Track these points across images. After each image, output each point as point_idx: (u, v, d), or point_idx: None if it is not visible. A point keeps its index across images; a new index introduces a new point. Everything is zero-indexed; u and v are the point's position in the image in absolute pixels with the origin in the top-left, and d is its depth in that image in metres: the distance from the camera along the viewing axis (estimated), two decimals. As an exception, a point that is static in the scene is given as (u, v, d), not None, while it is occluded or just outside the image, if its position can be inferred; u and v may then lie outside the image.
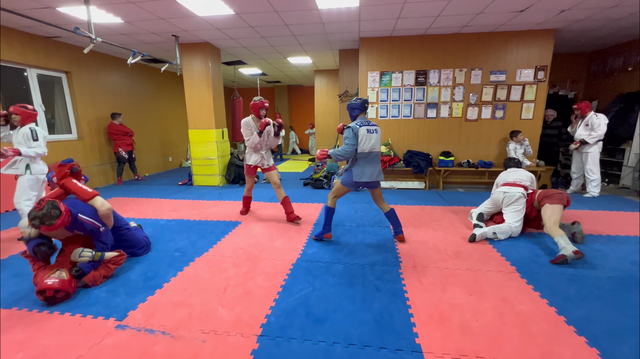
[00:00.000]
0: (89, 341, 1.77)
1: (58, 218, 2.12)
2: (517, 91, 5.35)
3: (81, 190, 2.55)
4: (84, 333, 1.84)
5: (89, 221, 2.37)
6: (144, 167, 7.37)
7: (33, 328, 1.89)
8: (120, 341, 1.77)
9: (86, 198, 2.52)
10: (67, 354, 1.67)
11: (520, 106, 5.41)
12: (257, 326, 1.89)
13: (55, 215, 2.12)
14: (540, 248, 2.96)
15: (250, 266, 2.67)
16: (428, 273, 2.51)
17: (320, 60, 7.43)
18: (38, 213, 2.09)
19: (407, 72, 5.54)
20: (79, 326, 1.90)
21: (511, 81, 5.34)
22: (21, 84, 5.03)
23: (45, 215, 2.09)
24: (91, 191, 2.57)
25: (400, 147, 5.83)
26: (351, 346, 1.72)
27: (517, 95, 5.37)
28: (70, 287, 2.16)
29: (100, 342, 1.76)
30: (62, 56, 5.43)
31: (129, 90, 7.01)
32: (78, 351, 1.69)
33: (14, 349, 1.71)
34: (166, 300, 2.17)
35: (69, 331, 1.86)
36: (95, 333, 1.84)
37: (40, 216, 2.08)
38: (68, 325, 1.91)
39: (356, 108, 2.99)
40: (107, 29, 4.76)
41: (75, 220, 2.28)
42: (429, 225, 3.65)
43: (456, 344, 1.71)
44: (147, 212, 4.31)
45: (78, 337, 1.81)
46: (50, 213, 2.10)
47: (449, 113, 5.59)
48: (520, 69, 5.27)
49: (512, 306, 2.06)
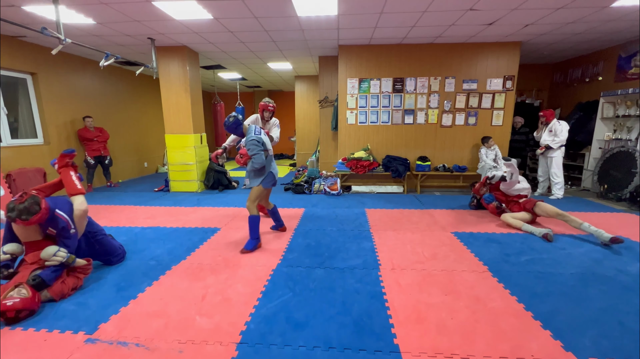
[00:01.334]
0: (56, 357, 1.68)
1: (35, 214, 2.08)
2: (488, 99, 5.64)
3: (72, 183, 2.59)
4: (49, 349, 1.74)
5: (64, 217, 2.29)
6: (118, 173, 7.07)
7: (-8, 346, 1.76)
8: (90, 355, 1.69)
9: (71, 192, 2.55)
10: (30, 372, 1.57)
11: (491, 113, 5.70)
12: (236, 333, 1.86)
13: (33, 211, 2.08)
14: (510, 249, 3.11)
15: (230, 273, 2.63)
16: (406, 275, 2.57)
17: (300, 66, 7.49)
18: (18, 206, 2.04)
19: (385, 79, 5.71)
20: (44, 342, 1.79)
21: (482, 89, 5.62)
22: (-19, 85, 4.72)
23: (25, 209, 2.04)
24: (79, 188, 2.60)
25: (379, 152, 5.96)
26: (331, 349, 1.73)
27: (487, 103, 5.66)
28: (33, 304, 2.01)
29: (68, 358, 1.67)
30: (27, 57, 5.15)
31: (101, 93, 6.74)
32: (43, 368, 1.60)
33: (-31, 370, 1.59)
34: (141, 311, 2.09)
35: (33, 348, 1.75)
36: (62, 349, 1.74)
37: (20, 209, 2.03)
38: (32, 341, 1.80)
39: (238, 125, 3.00)
40: (78, 30, 4.58)
41: (52, 216, 2.22)
42: (407, 228, 3.75)
43: (432, 343, 1.77)
44: (120, 220, 4.14)
45: (43, 354, 1.70)
46: (29, 208, 2.06)
47: (425, 120, 5.80)
48: (490, 78, 5.57)
49: (485, 303, 2.15)
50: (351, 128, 5.94)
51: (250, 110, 12.22)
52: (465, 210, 4.52)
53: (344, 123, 5.93)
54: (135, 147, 7.84)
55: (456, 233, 3.55)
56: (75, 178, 2.66)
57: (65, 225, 2.29)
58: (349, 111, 5.87)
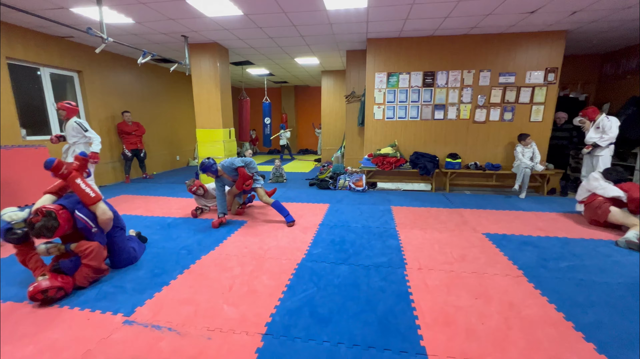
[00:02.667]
0: (98, 335, 1.81)
1: (56, 230, 2.10)
2: (527, 93, 5.29)
3: (83, 193, 2.35)
4: (92, 327, 1.88)
5: (83, 219, 2.28)
6: (152, 166, 7.47)
7: (43, 322, 1.93)
8: (128, 336, 1.80)
9: (88, 203, 2.36)
10: (76, 348, 1.71)
11: (529, 108, 5.34)
12: (262, 324, 1.90)
13: (53, 228, 2.08)
14: (549, 253, 2.91)
15: (256, 265, 2.69)
16: (433, 275, 2.49)
17: (327, 61, 7.44)
18: (36, 225, 2.04)
19: (414, 73, 5.52)
20: (87, 321, 1.94)
21: (520, 83, 5.27)
22: (34, 83, 5.14)
23: (44, 227, 2.06)
24: (94, 195, 2.38)
25: (406, 149, 5.80)
26: (355, 346, 1.72)
27: (526, 97, 5.31)
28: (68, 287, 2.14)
29: (109, 337, 1.79)
30: (74, 56, 5.54)
31: (138, 89, 7.12)
32: (87, 345, 1.73)
33: (24, 343, 1.75)
34: (173, 297, 2.20)
35: (77, 326, 1.89)
36: (104, 328, 1.87)
37: (39, 228, 2.04)
38: (77, 320, 1.95)
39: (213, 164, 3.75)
40: (118, 29, 4.84)
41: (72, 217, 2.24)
42: (435, 227, 3.63)
43: (461, 348, 1.70)
44: (155, 210, 4.37)
45: (86, 331, 1.84)
46: (47, 226, 2.07)
47: (457, 115, 5.55)
48: (530, 71, 5.21)
49: (519, 310, 2.03)
50: (378, 123, 5.82)
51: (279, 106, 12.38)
52: (498, 211, 4.30)
53: (370, 118, 5.83)
54: (167, 140, 8.22)
55: (488, 235, 3.38)
56: (85, 185, 2.39)
57: (84, 225, 2.27)
58: (376, 106, 5.75)
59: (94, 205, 2.38)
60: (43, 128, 5.29)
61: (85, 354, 1.66)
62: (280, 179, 6.48)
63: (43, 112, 5.27)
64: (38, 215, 2.08)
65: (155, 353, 1.67)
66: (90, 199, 2.36)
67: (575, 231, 3.47)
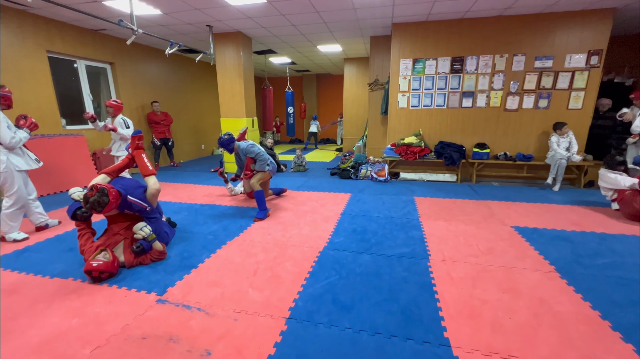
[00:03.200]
0: (134, 311, 1.94)
1: (106, 205, 2.31)
2: (566, 78, 4.92)
3: (144, 164, 2.85)
4: (129, 304, 2.01)
5: (138, 202, 2.55)
6: (179, 154, 7.75)
7: (86, 297, 2.09)
8: (161, 314, 1.92)
9: (145, 174, 2.82)
10: (115, 322, 1.84)
11: (567, 95, 4.98)
12: (285, 309, 1.95)
13: (104, 203, 2.30)
14: (584, 249, 2.76)
15: (279, 251, 2.75)
16: (458, 268, 2.44)
17: (350, 47, 7.28)
18: (90, 199, 2.28)
19: (442, 59, 5.29)
20: (124, 298, 2.08)
21: (559, 67, 4.91)
22: (71, 75, 5.43)
23: (96, 202, 2.28)
24: (151, 169, 2.85)
25: (431, 138, 5.63)
26: (377, 334, 1.73)
27: (564, 83, 4.95)
28: (113, 268, 2.31)
29: (144, 313, 1.92)
30: (107, 48, 5.78)
31: (165, 80, 7.34)
32: (125, 320, 1.86)
33: (70, 315, 1.91)
34: (201, 279, 2.31)
35: (116, 302, 2.04)
36: (139, 305, 2.00)
37: (92, 202, 2.27)
38: (116, 296, 2.10)
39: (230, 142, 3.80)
40: (147, 21, 4.98)
41: (124, 201, 2.47)
42: (460, 219, 3.53)
43: (487, 341, 1.67)
44: (182, 197, 4.56)
45: (124, 308, 1.98)
46: (99, 201, 2.28)
47: (486, 103, 5.29)
48: (570, 54, 4.83)
49: (550, 306, 1.95)
50: (402, 112, 5.67)
51: (300, 95, 12.35)
52: (529, 203, 4.10)
53: (394, 107, 5.68)
54: (193, 130, 8.46)
55: (517, 228, 3.25)
56: (147, 160, 2.89)
57: (141, 208, 2.57)
58: (400, 94, 5.59)
59: (149, 176, 2.80)
60: (81, 118, 5.60)
61: (124, 328, 1.78)
62: (301, 168, 6.52)
63: (80, 102, 5.58)
64: (92, 190, 2.31)
65: (186, 331, 1.76)
66: (148, 170, 2.83)
67: (614, 227, 3.26)
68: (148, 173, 2.83)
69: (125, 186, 2.59)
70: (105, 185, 2.38)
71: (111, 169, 2.76)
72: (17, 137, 2.93)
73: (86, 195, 2.30)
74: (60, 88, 5.20)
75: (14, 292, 2.16)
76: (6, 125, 2.86)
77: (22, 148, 3.07)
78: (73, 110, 5.48)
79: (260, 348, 1.63)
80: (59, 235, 3.15)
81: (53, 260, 2.63)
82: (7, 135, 2.84)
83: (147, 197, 2.69)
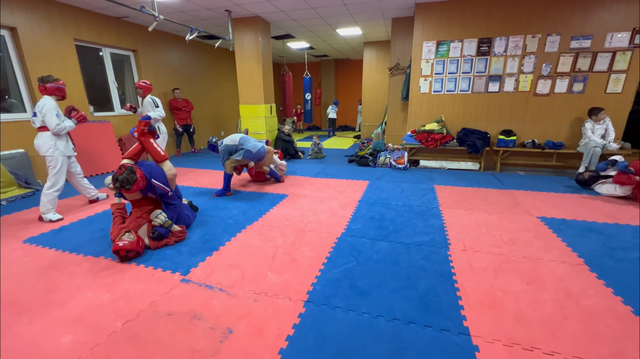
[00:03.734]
0: (160, 289, 2.03)
1: (135, 183, 2.42)
2: (605, 59, 4.56)
3: (155, 150, 2.87)
4: (155, 282, 2.12)
5: (160, 186, 2.65)
6: (199, 140, 7.91)
7: (116, 275, 2.21)
8: (185, 292, 2.00)
9: (158, 160, 2.86)
10: (143, 298, 1.94)
11: (606, 77, 4.63)
12: (303, 292, 1.99)
13: (132, 180, 2.42)
14: (617, 242, 2.61)
15: (297, 237, 2.79)
16: (479, 258, 2.38)
17: (370, 31, 7.05)
18: (119, 177, 2.39)
19: (468, 40, 5.02)
20: (151, 277, 2.19)
21: (598, 48, 4.55)
22: (97, 63, 5.60)
23: (125, 179, 2.40)
24: (163, 154, 2.89)
25: (454, 125, 5.43)
26: (395, 320, 1.73)
27: (603, 65, 4.59)
28: (138, 247, 2.42)
29: (169, 291, 2.01)
30: (130, 35, 5.89)
31: (185, 67, 7.43)
32: (152, 296, 1.96)
33: (103, 291, 2.03)
34: (222, 261, 2.38)
35: (144, 280, 2.15)
36: (165, 284, 2.10)
37: (121, 180, 2.40)
38: (143, 275, 2.21)
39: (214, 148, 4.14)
40: (168, 7, 5.01)
41: (149, 184, 2.57)
42: (482, 208, 3.42)
43: (508, 332, 1.63)
44: (203, 182, 4.68)
45: (151, 285, 2.08)
46: (128, 179, 2.41)
47: (515, 87, 5.01)
48: (611, 33, 4.45)
49: (577, 300, 1.88)
50: (424, 97, 5.48)
51: (318, 81, 12.19)
52: (557, 194, 3.91)
53: (415, 92, 5.50)
54: (213, 116, 8.58)
55: (544, 219, 3.11)
56: (157, 145, 2.89)
57: (162, 191, 2.66)
58: (422, 78, 5.39)
59: (162, 162, 2.83)
60: (107, 105, 5.81)
61: (151, 304, 1.88)
62: (319, 155, 6.51)
63: (106, 89, 5.77)
64: (121, 169, 2.44)
65: (209, 309, 1.84)
66: (160, 156, 2.86)
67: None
68: (161, 159, 2.87)
69: (149, 170, 2.68)
70: (132, 164, 2.50)
71: (130, 153, 2.83)
72: (62, 125, 3.17)
73: (115, 174, 2.41)
74: (87, 76, 5.38)
75: (53, 268, 2.32)
76: (55, 113, 3.12)
77: (66, 136, 3.33)
78: (100, 97, 5.68)
79: (279, 329, 1.67)
80: (90, 216, 3.34)
81: (86, 239, 2.79)
82: (53, 122, 3.11)
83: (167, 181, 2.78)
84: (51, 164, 3.18)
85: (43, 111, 3.08)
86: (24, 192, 4.04)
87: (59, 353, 1.53)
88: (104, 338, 1.62)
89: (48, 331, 1.68)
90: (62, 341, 1.61)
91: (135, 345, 1.57)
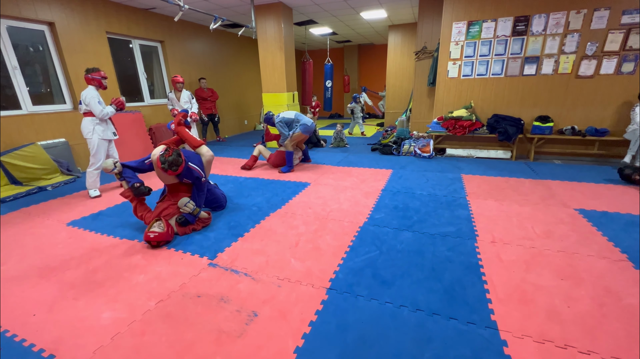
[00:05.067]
0: (189, 272, 2.13)
1: (180, 165, 2.56)
2: (662, 36, 4.09)
3: (192, 138, 3.01)
4: (185, 266, 2.22)
5: (196, 169, 2.74)
6: (224, 129, 8.09)
7: (149, 258, 2.34)
8: (213, 276, 2.09)
9: (195, 145, 2.99)
10: (174, 280, 2.05)
11: (662, 56, 4.16)
12: (326, 279, 2.01)
13: (179, 163, 2.55)
14: (667, 237, 2.40)
15: (319, 225, 2.80)
16: (509, 251, 2.28)
17: (396, 13, 6.76)
18: (168, 158, 2.51)
19: (502, 19, 4.68)
20: (181, 260, 2.29)
21: (654, 22, 4.08)
22: (127, 55, 5.80)
23: (174, 161, 2.52)
24: (200, 140, 3.03)
25: (484, 111, 5.15)
26: (418, 311, 1.71)
27: (660, 42, 4.12)
28: (168, 236, 2.51)
29: (198, 274, 2.11)
30: (157, 26, 6.03)
31: (210, 56, 7.54)
32: (182, 279, 2.06)
33: (137, 272, 2.16)
34: (247, 247, 2.45)
35: (175, 263, 2.26)
36: (194, 267, 2.20)
37: (170, 161, 2.51)
38: (173, 258, 2.32)
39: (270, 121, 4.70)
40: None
41: (187, 168, 2.67)
42: (514, 199, 3.26)
43: (540, 328, 1.56)
44: (228, 170, 4.80)
45: (181, 268, 2.19)
46: (176, 160, 2.53)
47: (554, 69, 4.64)
48: (671, 5, 3.97)
49: (619, 298, 1.76)
50: (452, 82, 5.22)
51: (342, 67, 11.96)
52: (598, 184, 3.64)
53: (443, 76, 5.25)
54: (236, 105, 8.71)
55: (582, 211, 2.92)
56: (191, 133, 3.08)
57: (198, 175, 2.74)
58: (451, 62, 5.13)
59: (199, 147, 2.97)
60: (137, 96, 6.04)
61: (182, 286, 1.98)
62: (341, 144, 6.44)
63: (136, 80, 5.99)
64: (169, 150, 2.56)
65: (235, 292, 1.91)
66: (196, 142, 3.00)
67: None
68: (198, 144, 3.00)
69: (186, 154, 2.79)
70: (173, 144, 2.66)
71: (170, 141, 2.97)
72: (105, 110, 3.60)
73: (163, 155, 2.51)
74: (119, 67, 5.61)
75: (94, 249, 2.50)
76: (97, 101, 3.54)
77: (107, 121, 3.74)
78: (131, 88, 5.92)
79: (302, 314, 1.71)
80: (125, 202, 3.53)
81: (121, 223, 2.97)
82: (98, 109, 3.54)
83: (204, 165, 2.88)
84: (92, 146, 3.64)
85: (86, 100, 3.50)
86: (66, 179, 4.35)
87: (101, 327, 1.65)
88: (140, 315, 1.73)
89: (90, 307, 1.82)
90: (103, 316, 1.74)
91: (167, 323, 1.67)
